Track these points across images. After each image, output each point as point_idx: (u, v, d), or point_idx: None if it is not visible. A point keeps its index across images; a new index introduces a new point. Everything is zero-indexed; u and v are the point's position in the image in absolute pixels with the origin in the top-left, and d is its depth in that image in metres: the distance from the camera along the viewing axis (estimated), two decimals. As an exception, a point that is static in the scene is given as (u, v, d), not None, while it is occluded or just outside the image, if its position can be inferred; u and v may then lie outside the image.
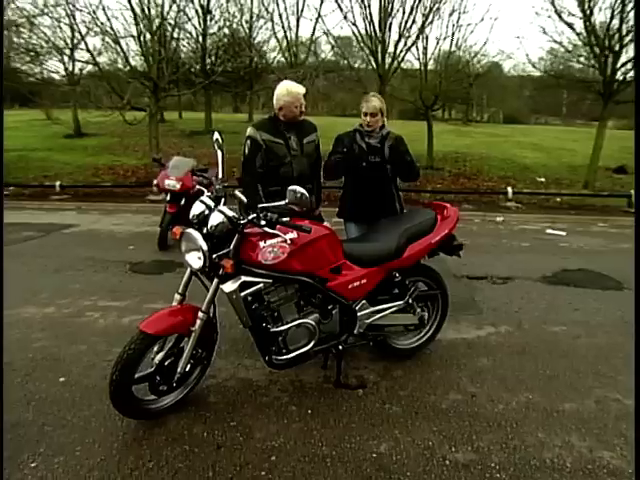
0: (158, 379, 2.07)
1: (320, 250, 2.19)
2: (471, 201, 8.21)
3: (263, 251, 2.04)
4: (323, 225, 2.35)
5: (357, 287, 2.30)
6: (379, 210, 2.89)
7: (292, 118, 2.82)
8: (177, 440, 2.03)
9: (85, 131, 17.96)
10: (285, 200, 1.95)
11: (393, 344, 2.66)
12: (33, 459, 1.92)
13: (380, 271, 2.35)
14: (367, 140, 2.95)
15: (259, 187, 2.86)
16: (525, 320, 3.37)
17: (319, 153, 3.09)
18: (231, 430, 2.11)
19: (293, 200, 1.94)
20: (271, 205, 2.02)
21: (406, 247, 2.37)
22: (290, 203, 1.95)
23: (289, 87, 2.80)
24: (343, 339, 2.37)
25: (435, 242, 2.47)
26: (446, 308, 2.78)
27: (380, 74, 8.75)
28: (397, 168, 2.95)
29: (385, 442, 2.02)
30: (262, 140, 2.83)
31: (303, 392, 2.42)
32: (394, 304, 2.46)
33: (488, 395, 2.39)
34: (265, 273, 2.06)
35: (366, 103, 2.87)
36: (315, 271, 2.19)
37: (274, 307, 2.18)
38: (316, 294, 2.24)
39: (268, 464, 1.89)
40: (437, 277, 2.68)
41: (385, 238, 2.37)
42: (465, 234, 6.23)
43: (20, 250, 5.53)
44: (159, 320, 2.01)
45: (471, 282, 4.28)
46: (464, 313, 3.48)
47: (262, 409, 2.27)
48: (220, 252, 1.98)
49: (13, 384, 2.51)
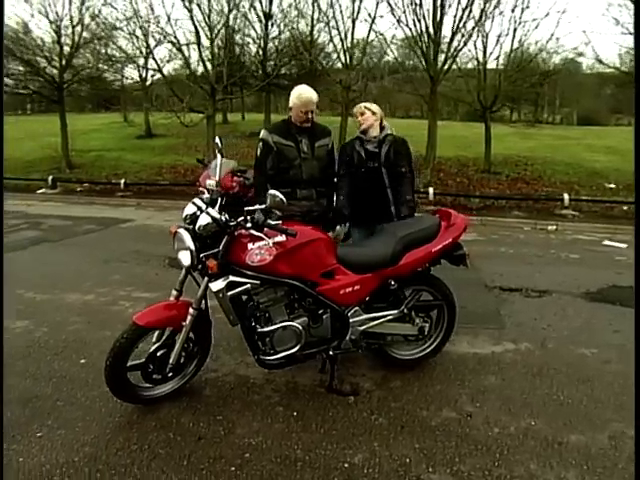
0: (151, 368, 2.20)
1: (310, 254, 2.20)
2: (523, 208, 7.68)
3: (250, 253, 2.09)
4: (316, 229, 2.35)
5: (349, 293, 2.27)
6: (374, 216, 2.85)
7: (302, 122, 2.85)
8: (164, 427, 2.15)
9: (155, 132, 19.38)
10: (266, 204, 1.99)
11: (393, 353, 2.58)
12: (40, 430, 2.14)
13: (374, 278, 2.30)
14: (365, 146, 2.92)
15: (269, 188, 2.93)
16: (551, 339, 3.10)
17: (333, 157, 3.09)
18: (215, 423, 2.18)
19: (272, 204, 1.97)
20: (256, 208, 2.06)
21: (403, 254, 2.29)
22: (270, 207, 1.98)
23: (301, 91, 2.84)
24: (335, 344, 2.35)
25: (436, 251, 2.36)
26: (453, 320, 2.64)
27: (431, 74, 8.46)
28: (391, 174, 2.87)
29: (361, 453, 1.98)
30: (273, 142, 2.90)
31: (294, 394, 2.44)
32: (388, 313, 2.39)
33: (486, 416, 2.23)
34: (252, 274, 2.11)
35: (355, 108, 2.92)
36: (304, 275, 2.20)
37: (263, 308, 2.22)
38: (306, 298, 2.25)
39: (240, 460, 1.93)
40: (442, 287, 2.56)
41: (381, 244, 2.31)
42: (509, 243, 5.87)
43: (79, 242, 6.14)
44: (151, 313, 2.14)
45: (502, 294, 4.02)
46: (484, 326, 3.29)
47: (250, 406, 2.32)
48: (208, 252, 2.06)
49: (43, 361, 2.81)
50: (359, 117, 2.91)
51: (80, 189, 10.96)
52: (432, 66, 8.42)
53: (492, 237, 6.24)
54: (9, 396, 2.39)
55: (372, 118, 2.90)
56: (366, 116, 2.89)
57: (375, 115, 2.92)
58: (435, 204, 7.98)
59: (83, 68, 13.02)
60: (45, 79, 12.40)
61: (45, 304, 3.76)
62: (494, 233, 6.45)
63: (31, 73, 12.24)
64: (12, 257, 5.27)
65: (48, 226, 7.23)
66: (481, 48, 9.66)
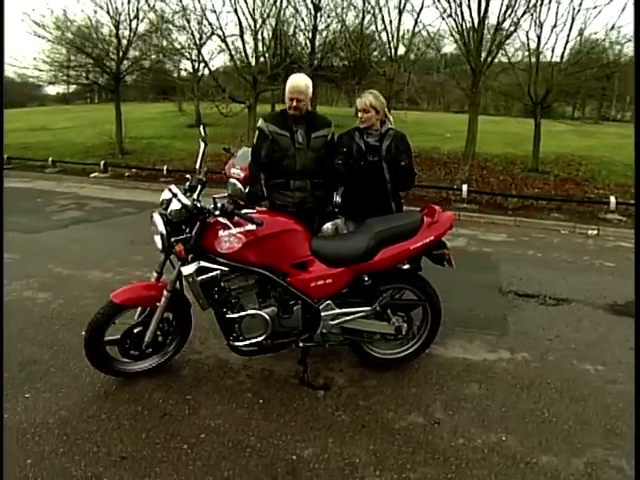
0: (128, 344, 2.32)
1: (280, 244, 2.19)
2: (564, 210, 7.12)
3: (220, 240, 2.13)
4: (290, 220, 2.33)
5: (321, 286, 2.24)
6: (372, 210, 2.76)
7: (290, 110, 2.82)
8: (136, 400, 2.25)
9: (204, 122, 20.07)
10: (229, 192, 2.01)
11: (371, 351, 2.52)
12: (29, 391, 2.32)
13: (347, 272, 2.25)
14: (366, 139, 2.84)
15: (262, 177, 2.96)
16: (555, 351, 2.87)
17: (332, 149, 3.04)
18: (183, 402, 2.25)
19: (232, 192, 1.98)
20: (223, 196, 2.08)
21: (377, 250, 2.22)
22: (230, 195, 1.99)
23: (290, 79, 2.81)
24: (306, 337, 2.34)
25: (415, 248, 2.26)
26: (437, 322, 2.53)
27: (473, 67, 8.02)
28: (392, 169, 2.78)
29: (313, 447, 1.96)
30: (269, 131, 2.90)
31: (267, 382, 2.46)
32: (360, 309, 2.33)
33: (454, 426, 2.12)
34: (221, 261, 2.15)
35: (359, 99, 2.79)
36: (274, 264, 2.20)
37: (235, 295, 2.25)
38: (276, 287, 2.25)
39: (195, 440, 1.99)
40: (425, 287, 2.45)
41: (356, 238, 2.25)
42: (540, 246, 5.50)
43: (115, 223, 6.54)
44: (128, 292, 2.24)
45: (515, 299, 3.78)
46: (484, 332, 3.12)
47: (221, 390, 2.38)
48: (179, 237, 2.11)
49: (50, 330, 3.04)
50: (362, 114, 2.81)
51: (128, 174, 11.65)
52: (474, 58, 7.97)
53: (522, 239, 5.86)
54: (16, 360, 2.62)
55: (374, 117, 2.81)
56: (369, 115, 2.79)
57: (378, 114, 2.82)
58: (469, 202, 7.62)
59: (137, 60, 13.72)
60: (104, 70, 13.21)
61: (68, 279, 4.06)
62: (526, 235, 6.06)
63: (92, 65, 13.09)
64: (54, 234, 5.73)
65: (91, 207, 7.76)
66: (534, 39, 9.02)
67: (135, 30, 13.05)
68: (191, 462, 1.86)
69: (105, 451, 1.91)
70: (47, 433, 2.01)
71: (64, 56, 12.98)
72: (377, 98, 2.81)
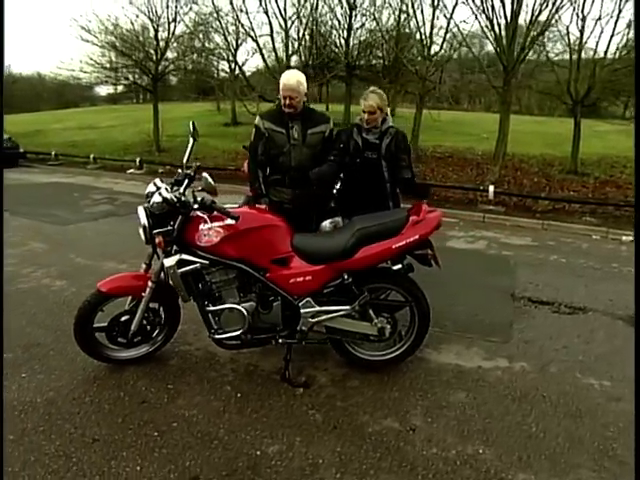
0: (115, 332, 2.40)
1: (259, 239, 2.19)
2: (598, 214, 6.67)
3: (199, 234, 2.15)
4: (272, 215, 2.32)
5: (300, 282, 2.21)
6: (368, 208, 2.70)
7: (285, 107, 2.81)
8: (119, 387, 2.33)
9: (240, 120, 20.49)
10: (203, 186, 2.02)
11: (354, 351, 2.47)
12: (27, 372, 2.46)
13: (327, 270, 2.21)
14: (365, 135, 2.80)
15: (259, 173, 2.97)
16: (559, 362, 2.69)
17: (330, 146, 3.00)
18: (164, 391, 2.30)
19: (204, 186, 2.00)
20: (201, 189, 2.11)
21: (357, 248, 2.16)
22: (202, 189, 2.01)
23: (283, 76, 2.81)
24: (286, 334, 2.32)
25: (397, 247, 2.17)
26: (424, 324, 2.43)
27: (504, 63, 7.66)
28: (391, 167, 2.71)
29: (279, 445, 1.94)
30: (265, 129, 2.91)
31: (249, 377, 2.47)
32: (339, 308, 2.28)
33: (430, 434, 2.04)
34: (201, 254, 2.17)
35: (364, 101, 2.76)
36: (253, 259, 2.20)
37: (216, 288, 2.27)
38: (256, 282, 2.25)
39: (166, 428, 2.03)
40: (411, 288, 2.36)
41: (338, 236, 2.21)
42: (566, 252, 5.18)
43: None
44: (114, 281, 2.32)
45: (527, 306, 3.58)
46: (485, 338, 2.97)
47: (202, 381, 2.41)
48: (160, 229, 2.16)
49: (58, 315, 3.20)
50: (367, 115, 2.76)
51: (162, 170, 12.10)
52: (506, 54, 7.61)
53: (548, 243, 5.55)
54: (22, 341, 2.79)
55: (380, 117, 2.79)
56: (375, 116, 2.76)
57: (383, 113, 2.80)
58: (496, 204, 7.32)
59: (174, 61, 14.21)
60: (143, 71, 13.79)
61: (85, 269, 4.26)
62: (553, 239, 5.73)
63: (132, 66, 13.70)
64: (82, 226, 6.05)
65: (122, 202, 8.12)
66: (575, 33, 8.51)
67: (173, 32, 13.56)
68: (157, 449, 1.89)
69: (80, 432, 1.98)
70: (33, 412, 2.12)
71: (107, 58, 13.66)
72: (381, 97, 2.79)
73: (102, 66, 13.49)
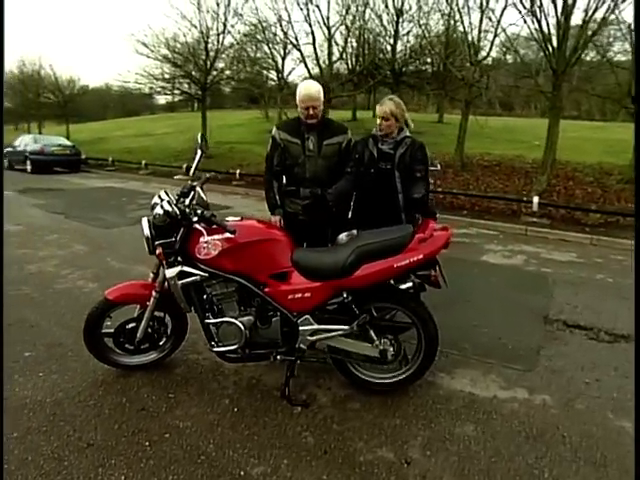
0: (122, 338, 2.47)
1: (258, 253, 2.16)
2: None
3: (199, 246, 2.16)
4: (273, 228, 2.29)
5: (299, 299, 2.16)
6: (381, 221, 2.60)
7: (305, 118, 2.78)
8: (123, 392, 2.39)
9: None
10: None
11: (357, 372, 2.36)
12: (44, 371, 2.58)
13: (326, 287, 2.13)
14: (380, 146, 2.70)
15: (274, 184, 2.96)
16: (588, 398, 2.43)
17: (347, 157, 2.93)
18: (164, 400, 2.33)
19: (197, 200, 2.01)
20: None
21: (357, 265, 2.07)
22: (197, 203, 2.02)
23: (301, 87, 2.79)
24: (284, 350, 2.27)
25: (400, 266, 2.05)
26: (431, 349, 2.28)
27: (553, 67, 7.17)
28: (404, 178, 2.59)
29: (264, 466, 1.89)
30: (280, 139, 2.91)
31: (250, 391, 2.44)
32: (338, 327, 2.18)
33: (427, 469, 1.89)
34: (201, 267, 2.18)
35: (379, 107, 2.66)
36: (251, 274, 2.18)
37: (216, 301, 2.28)
38: (255, 297, 2.23)
39: (157, 438, 2.04)
40: (417, 309, 2.22)
41: (338, 252, 2.13)
42: (614, 270, 4.75)
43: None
44: (120, 289, 2.39)
45: (560, 330, 3.29)
46: (506, 364, 2.75)
47: (203, 393, 2.41)
48: (162, 241, 2.20)
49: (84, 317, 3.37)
50: (382, 121, 2.70)
51: (208, 176, 12.53)
52: (556, 56, 7.11)
53: (595, 260, 5.09)
54: (46, 340, 2.96)
55: (394, 125, 2.70)
56: (389, 123, 2.68)
57: (398, 122, 2.71)
58: (541, 216, 6.85)
59: (222, 70, 14.75)
60: (192, 81, 14.44)
61: (117, 272, 4.47)
62: (601, 256, 5.25)
63: (182, 77, 14.39)
64: (123, 230, 6.39)
65: (165, 207, 8.49)
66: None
67: (221, 44, 14.10)
68: (145, 460, 1.91)
69: (77, 436, 2.04)
70: (40, 411, 2.22)
71: (159, 70, 14.46)
72: (398, 106, 2.70)
73: (155, 77, 14.28)
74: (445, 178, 10.74)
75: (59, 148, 14.37)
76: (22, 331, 3.08)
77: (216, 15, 13.79)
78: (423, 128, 22.20)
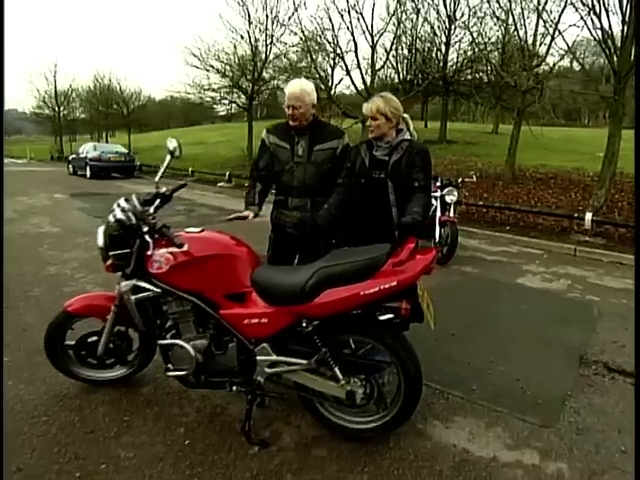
0: (84, 352, 2.33)
1: (211, 270, 1.92)
2: None
3: (152, 259, 1.97)
4: (231, 242, 2.04)
5: (255, 325, 1.88)
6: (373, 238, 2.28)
7: (292, 120, 2.54)
8: (80, 410, 2.23)
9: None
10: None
11: (327, 414, 2.03)
12: (13, 380, 2.52)
13: (285, 313, 1.84)
14: (374, 152, 2.37)
15: (257, 185, 2.74)
16: (619, 474, 1.91)
17: (339, 163, 2.64)
18: (117, 423, 2.14)
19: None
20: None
21: (319, 290, 1.76)
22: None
23: (288, 85, 2.55)
24: (241, 380, 2.00)
25: (368, 294, 1.71)
26: (412, 393, 1.90)
27: (615, 68, 6.34)
28: (398, 188, 2.24)
29: (193, 518, 1.63)
30: (269, 143, 2.70)
31: (210, 420, 2.20)
32: (295, 361, 1.88)
33: None
34: (153, 282, 1.99)
35: (365, 104, 2.32)
36: (205, 292, 1.94)
37: (173, 320, 2.07)
38: (210, 319, 1.99)
39: (92, 468, 1.84)
40: (394, 345, 1.86)
41: (299, 273, 1.83)
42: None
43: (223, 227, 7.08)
44: (81, 301, 2.26)
45: (598, 375, 2.73)
46: (519, 416, 2.28)
47: (160, 418, 2.20)
48: (117, 251, 2.03)
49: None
50: (370, 122, 2.37)
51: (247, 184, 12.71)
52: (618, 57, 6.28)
53: (657, 292, 4.31)
54: (32, 346, 2.92)
55: (386, 125, 2.34)
56: (378, 123, 2.33)
57: (390, 122, 2.34)
58: (595, 234, 6.05)
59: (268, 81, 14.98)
60: (240, 91, 14.79)
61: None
62: (667, 287, 4.45)
63: (230, 87, 14.78)
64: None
65: (198, 214, 8.62)
66: None
67: (268, 54, 14.33)
68: (67, 495, 1.73)
69: (13, 458, 1.91)
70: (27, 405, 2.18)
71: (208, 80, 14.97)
72: (388, 102, 2.33)
73: (202, 87, 14.80)
74: (492, 191, 10.00)
75: (115, 155, 15.29)
76: (13, 335, 3.07)
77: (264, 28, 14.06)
78: (476, 139, 21.22)
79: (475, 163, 13.55)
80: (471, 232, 6.77)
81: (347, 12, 11.10)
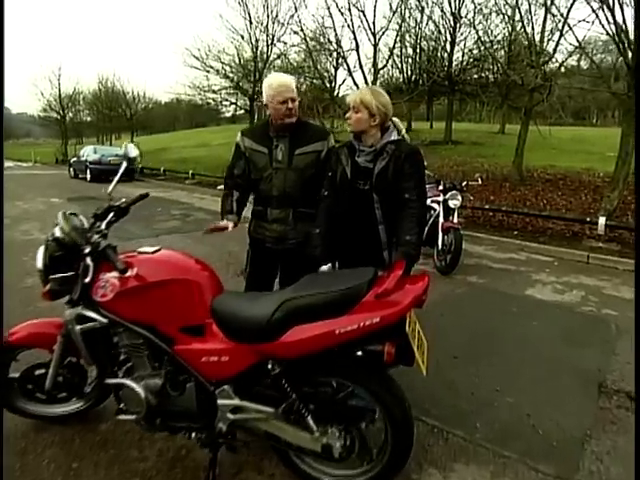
0: (31, 386, 2.05)
1: (163, 299, 1.62)
2: None
3: (97, 285, 1.69)
4: (187, 265, 1.75)
5: (214, 363, 1.59)
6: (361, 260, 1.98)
7: (283, 117, 2.24)
8: (23, 454, 1.95)
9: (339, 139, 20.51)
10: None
11: (303, 465, 1.74)
12: None
13: (249, 352, 1.54)
14: (356, 158, 2.05)
15: (235, 193, 2.44)
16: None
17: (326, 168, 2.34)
18: (63, 470, 1.86)
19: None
20: None
21: (285, 326, 1.46)
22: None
23: (271, 80, 2.30)
24: (201, 426, 1.71)
25: (344, 333, 1.40)
26: (401, 444, 1.59)
27: (629, 64, 5.98)
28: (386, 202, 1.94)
29: None
30: (244, 147, 2.41)
31: (170, 467, 1.90)
32: (261, 408, 1.58)
33: None
34: (100, 311, 1.70)
35: (351, 93, 2.01)
36: (157, 324, 1.65)
37: (124, 354, 1.78)
38: (164, 355, 1.70)
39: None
40: (378, 389, 1.55)
41: (265, 303, 1.53)
42: None
43: (198, 235, 6.81)
44: (25, 329, 1.98)
45: (623, 408, 2.40)
46: (530, 463, 1.96)
47: (114, 463, 1.91)
48: (58, 275, 1.75)
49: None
50: (350, 113, 2.05)
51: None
52: (633, 49, 5.92)
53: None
54: None
55: (367, 122, 1.99)
56: (359, 116, 2.00)
57: (373, 118, 1.99)
58: (608, 240, 5.68)
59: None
60: (241, 92, 14.56)
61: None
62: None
63: (231, 88, 14.56)
64: (141, 242, 6.23)
65: (193, 219, 8.36)
66: None
67: (269, 55, 14.09)
68: None
69: None
70: None
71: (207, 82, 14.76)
72: (376, 96, 1.99)
73: (201, 89, 14.59)
74: (499, 193, 9.65)
75: (115, 158, 15.10)
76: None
77: (265, 28, 13.82)
78: (482, 139, 20.80)
79: (481, 164, 13.19)
80: (476, 237, 6.44)
81: (348, 10, 10.83)
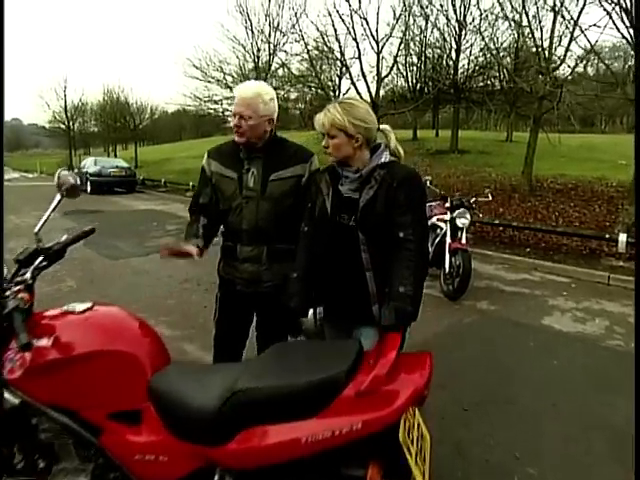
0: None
1: (88, 376, 1.26)
2: None
3: (6, 357, 1.33)
4: (124, 331, 1.38)
5: (150, 463, 1.21)
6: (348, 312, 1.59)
7: (237, 136, 1.88)
8: None
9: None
10: None
11: None
12: None
13: (191, 453, 1.17)
14: (339, 186, 1.64)
15: (201, 219, 2.02)
16: None
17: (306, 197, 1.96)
18: None
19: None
20: None
21: (237, 427, 1.08)
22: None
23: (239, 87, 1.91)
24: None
25: (314, 443, 1.01)
26: None
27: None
28: (374, 242, 1.54)
29: None
30: (210, 172, 2.03)
31: None
32: None
33: None
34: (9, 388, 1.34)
35: (317, 115, 1.59)
36: (79, 409, 1.29)
37: (47, 440, 1.41)
38: (90, 446, 1.32)
39: None
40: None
41: (215, 390, 1.16)
42: None
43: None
44: None
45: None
46: None
47: None
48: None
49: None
50: (326, 140, 1.57)
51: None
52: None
53: None
54: None
55: (348, 145, 1.54)
56: (336, 142, 1.53)
57: (352, 139, 1.53)
58: (629, 258, 5.23)
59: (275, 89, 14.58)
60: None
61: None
62: None
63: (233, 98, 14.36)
64: (130, 262, 5.93)
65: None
66: None
67: (271, 64, 13.88)
68: None
69: None
70: None
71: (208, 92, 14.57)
72: (348, 112, 1.51)
73: (201, 99, 14.40)
74: (508, 205, 9.22)
75: (116, 170, 14.93)
76: None
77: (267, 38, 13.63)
78: (489, 148, 20.38)
79: (489, 174, 12.78)
80: (486, 255, 6.02)
81: (349, 17, 10.58)
